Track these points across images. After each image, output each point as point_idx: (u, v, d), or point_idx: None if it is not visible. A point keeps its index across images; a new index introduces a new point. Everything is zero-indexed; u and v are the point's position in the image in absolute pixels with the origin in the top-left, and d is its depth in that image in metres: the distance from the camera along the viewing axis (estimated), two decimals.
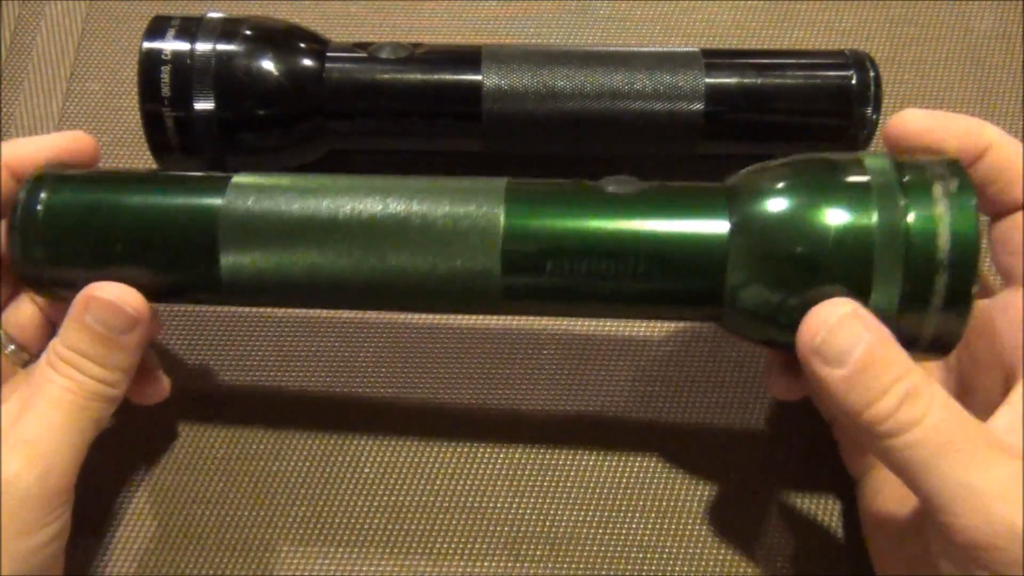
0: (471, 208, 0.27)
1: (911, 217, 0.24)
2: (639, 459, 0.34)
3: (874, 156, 0.26)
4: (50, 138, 0.31)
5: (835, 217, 0.25)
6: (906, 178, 0.25)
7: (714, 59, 0.35)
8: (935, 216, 0.24)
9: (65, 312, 0.28)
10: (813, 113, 0.35)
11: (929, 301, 0.24)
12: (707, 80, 0.34)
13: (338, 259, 0.27)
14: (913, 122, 0.27)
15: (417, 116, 0.35)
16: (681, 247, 0.26)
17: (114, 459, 0.34)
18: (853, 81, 0.35)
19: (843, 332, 0.24)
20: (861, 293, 0.24)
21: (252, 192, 0.28)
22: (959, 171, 0.25)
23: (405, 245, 0.27)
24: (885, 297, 0.24)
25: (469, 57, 0.35)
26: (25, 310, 0.32)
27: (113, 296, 0.28)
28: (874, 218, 0.24)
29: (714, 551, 0.33)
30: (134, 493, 0.34)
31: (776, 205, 0.25)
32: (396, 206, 0.27)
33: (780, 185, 0.26)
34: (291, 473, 0.34)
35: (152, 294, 0.28)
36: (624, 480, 0.34)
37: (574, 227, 0.27)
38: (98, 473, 0.32)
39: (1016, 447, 0.23)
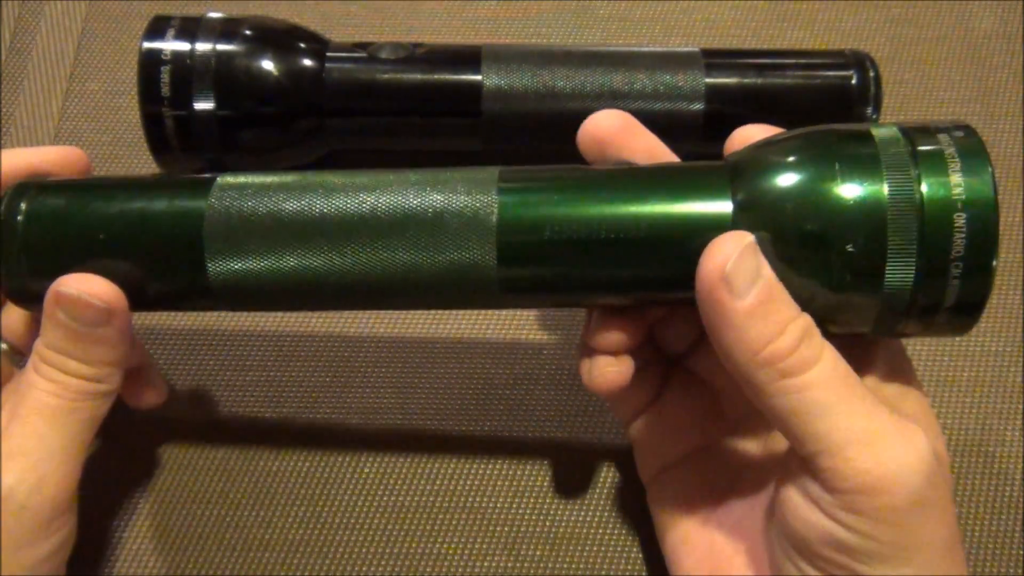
0: (464, 200, 0.26)
1: (924, 187, 0.23)
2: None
3: (883, 126, 0.25)
4: (41, 151, 0.30)
5: (845, 191, 0.23)
6: (917, 147, 0.24)
7: (714, 59, 0.35)
8: (949, 184, 0.23)
9: None
10: (813, 113, 0.35)
11: (946, 277, 0.23)
12: (707, 80, 0.34)
13: (329, 258, 0.26)
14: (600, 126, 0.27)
15: (417, 116, 0.35)
16: (682, 229, 0.25)
17: (114, 459, 0.34)
18: (853, 81, 0.35)
19: (746, 264, 0.23)
20: (876, 268, 0.23)
21: (238, 193, 0.27)
22: (971, 134, 0.24)
23: (397, 241, 0.26)
24: (900, 273, 0.23)
25: (469, 57, 0.35)
26: (16, 312, 0.31)
27: (77, 290, 0.26)
28: (885, 190, 0.23)
29: None
30: (134, 493, 0.34)
31: (782, 181, 0.24)
32: (386, 201, 0.26)
33: (785, 160, 0.24)
34: (291, 473, 0.34)
35: (140, 302, 0.27)
36: (624, 480, 0.34)
37: (570, 212, 0.25)
38: (98, 473, 0.32)
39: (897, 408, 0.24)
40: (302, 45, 0.34)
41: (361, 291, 0.26)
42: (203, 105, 0.33)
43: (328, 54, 0.35)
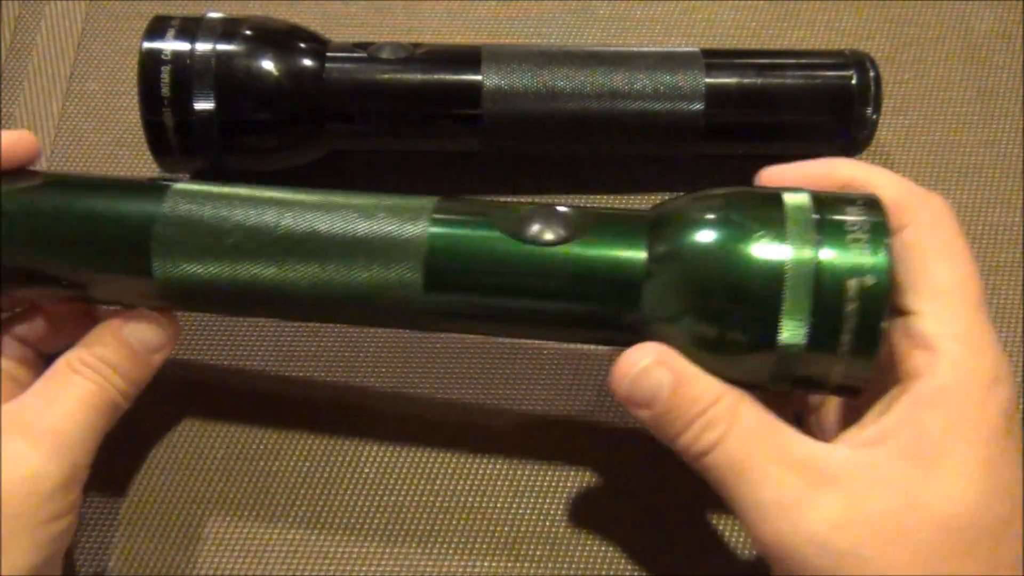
0: (398, 227, 0.27)
1: (823, 254, 0.24)
2: (640, 460, 0.34)
3: (794, 192, 0.26)
4: None
5: (748, 251, 0.25)
6: (823, 215, 0.25)
7: (714, 59, 0.35)
8: (847, 254, 0.24)
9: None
10: (813, 113, 0.35)
11: (837, 339, 0.24)
12: (707, 80, 0.34)
13: (269, 270, 0.27)
14: (767, 179, 0.28)
15: (417, 116, 0.35)
16: (598, 277, 0.26)
17: (114, 459, 0.34)
18: (853, 81, 0.35)
19: (647, 379, 0.26)
20: (770, 327, 0.24)
21: (189, 200, 0.28)
22: (876, 208, 0.25)
23: (334, 260, 0.27)
24: (793, 332, 0.24)
25: (469, 57, 0.35)
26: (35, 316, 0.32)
27: (155, 317, 0.29)
28: (787, 254, 0.24)
29: (715, 551, 0.33)
30: (134, 493, 0.34)
31: (694, 237, 0.25)
32: (329, 222, 0.27)
33: (698, 217, 0.26)
34: (291, 473, 0.34)
35: (86, 298, 0.29)
36: (624, 480, 0.34)
37: (494, 248, 0.27)
38: (98, 473, 0.32)
39: (820, 469, 0.25)
40: (302, 45, 0.34)
41: (293, 304, 0.28)
42: (203, 105, 0.33)
43: (328, 54, 0.35)
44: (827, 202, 0.25)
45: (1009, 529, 0.24)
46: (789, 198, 0.26)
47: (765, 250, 0.25)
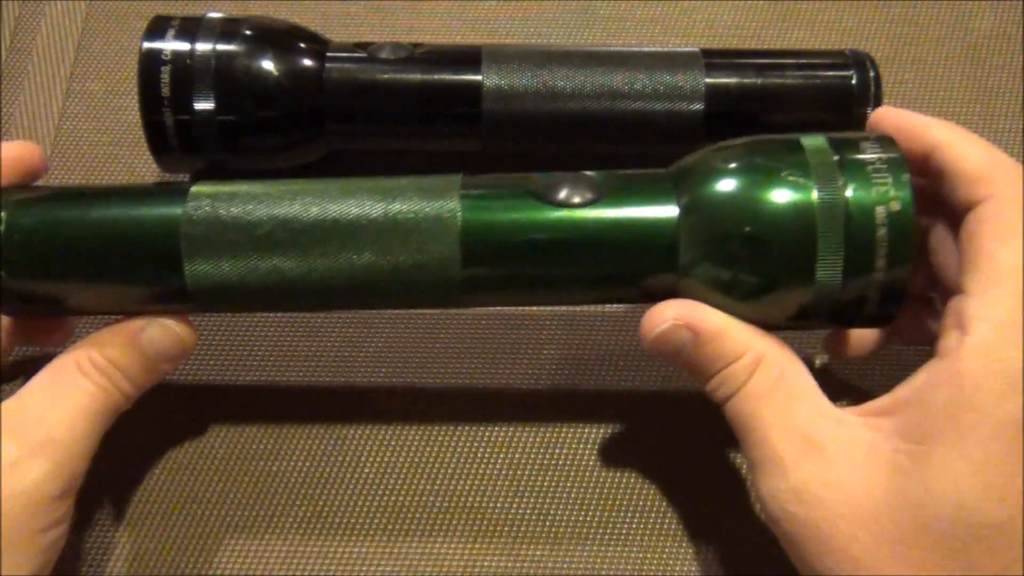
0: (430, 205, 0.27)
1: (849, 192, 0.25)
2: (640, 460, 0.34)
3: (811, 136, 0.27)
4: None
5: (777, 197, 0.26)
6: (843, 156, 0.26)
7: (714, 59, 0.35)
8: (872, 189, 0.25)
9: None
10: (813, 113, 0.35)
11: (871, 270, 0.25)
12: (707, 80, 0.34)
13: (300, 264, 0.27)
14: (877, 118, 0.29)
15: (417, 116, 0.35)
16: (633, 235, 0.27)
17: (114, 459, 0.34)
18: (853, 81, 0.35)
19: (668, 339, 0.27)
20: (806, 267, 0.25)
21: (212, 200, 0.28)
22: (890, 146, 0.26)
23: (367, 245, 0.27)
24: (829, 270, 0.25)
25: (469, 57, 0.35)
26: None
27: (174, 325, 0.29)
28: (814, 195, 0.25)
29: (715, 551, 0.33)
30: (134, 493, 0.34)
31: (722, 186, 0.26)
32: (357, 207, 0.28)
33: (725, 167, 0.27)
34: (291, 473, 0.34)
35: (120, 309, 0.29)
36: (625, 481, 0.34)
37: (527, 216, 0.27)
38: (98, 473, 0.32)
39: (811, 437, 0.25)
40: (302, 45, 0.34)
41: (328, 294, 0.28)
42: (203, 105, 0.33)
43: (328, 54, 0.35)
44: (843, 143, 0.27)
45: (997, 535, 0.22)
46: (808, 141, 0.27)
47: (795, 193, 0.26)
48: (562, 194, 0.27)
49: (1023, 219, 0.24)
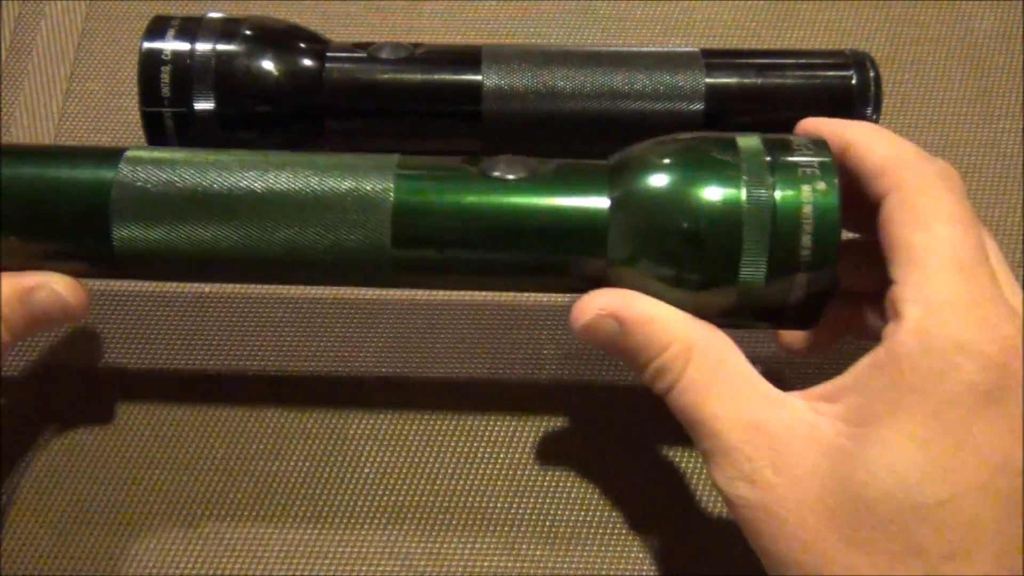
0: (363, 183, 0.27)
1: (778, 193, 0.25)
2: (640, 461, 0.34)
3: (747, 136, 0.27)
4: None
5: (706, 194, 0.26)
6: (776, 157, 0.26)
7: (714, 59, 0.35)
8: (800, 191, 0.25)
9: None
10: (813, 113, 0.35)
11: (795, 271, 0.25)
12: (707, 80, 0.34)
13: (231, 233, 0.27)
14: (803, 127, 0.29)
15: (417, 116, 0.35)
16: (561, 218, 0.27)
17: (113, 459, 0.34)
18: (853, 81, 0.35)
19: (596, 329, 0.27)
20: (731, 264, 0.25)
21: (146, 165, 0.28)
22: (823, 148, 0.26)
23: (298, 219, 0.27)
24: (753, 268, 0.25)
25: (469, 57, 0.35)
26: None
27: (66, 290, 0.28)
28: (743, 195, 0.25)
29: (714, 552, 0.33)
30: (134, 494, 0.34)
31: (652, 181, 0.26)
32: (290, 181, 0.27)
33: (657, 162, 0.27)
34: (291, 473, 0.34)
35: (39, 267, 0.29)
36: (625, 480, 0.34)
37: (459, 199, 0.27)
38: (99, 473, 0.32)
39: (756, 423, 0.25)
40: (302, 45, 0.34)
41: (258, 265, 0.28)
42: (203, 105, 0.33)
43: (328, 54, 0.35)
44: (777, 144, 0.27)
45: (942, 513, 0.22)
46: (743, 141, 0.27)
47: (724, 193, 0.26)
48: (496, 171, 0.28)
49: (933, 203, 0.25)
